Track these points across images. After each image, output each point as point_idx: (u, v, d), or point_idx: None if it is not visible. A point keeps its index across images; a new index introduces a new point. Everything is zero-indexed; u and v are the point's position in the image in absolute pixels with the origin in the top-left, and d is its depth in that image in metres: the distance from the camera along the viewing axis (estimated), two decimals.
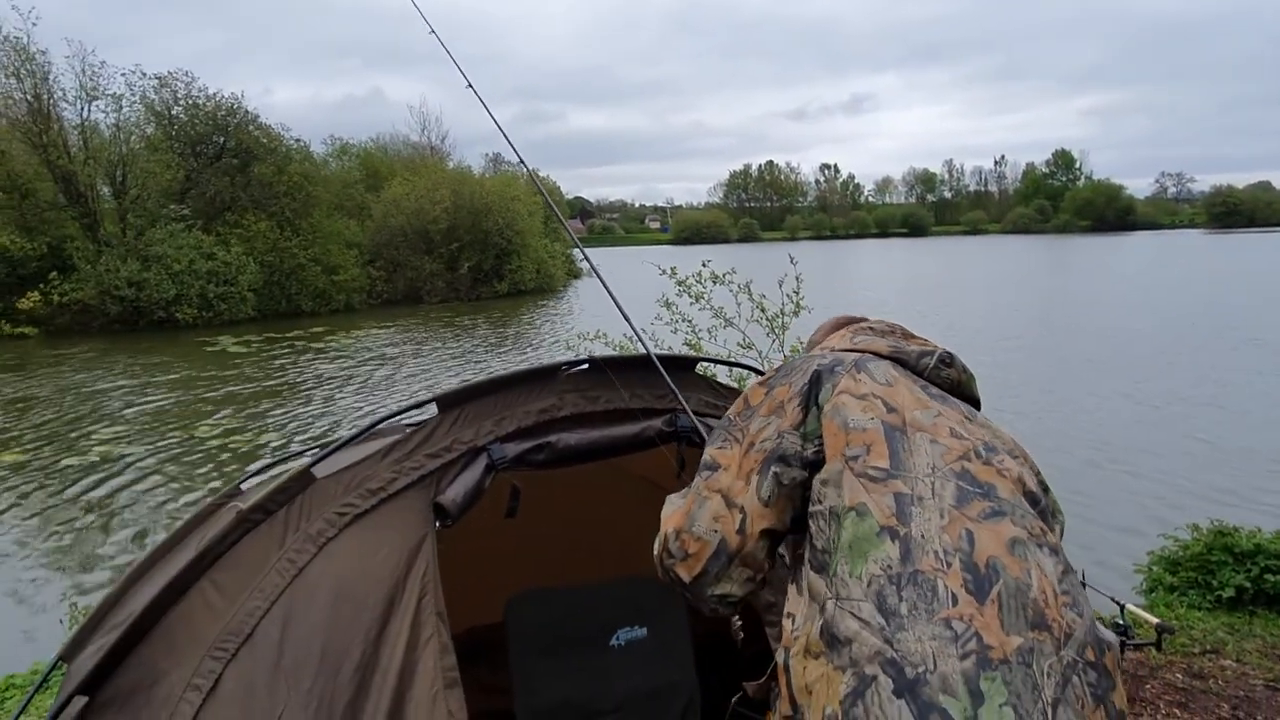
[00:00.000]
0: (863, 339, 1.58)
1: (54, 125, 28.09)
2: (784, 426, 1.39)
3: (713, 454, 1.45)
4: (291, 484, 1.95)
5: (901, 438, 1.32)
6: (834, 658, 1.16)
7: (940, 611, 1.14)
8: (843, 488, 1.28)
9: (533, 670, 2.52)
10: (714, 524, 1.38)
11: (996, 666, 1.11)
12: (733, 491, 1.38)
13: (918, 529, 1.21)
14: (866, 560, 1.20)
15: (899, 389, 1.41)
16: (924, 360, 1.51)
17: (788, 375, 1.47)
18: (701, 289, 6.73)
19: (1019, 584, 1.18)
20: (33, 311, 26.38)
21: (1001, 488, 1.29)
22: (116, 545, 8.42)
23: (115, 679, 1.82)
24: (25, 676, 4.65)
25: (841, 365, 1.44)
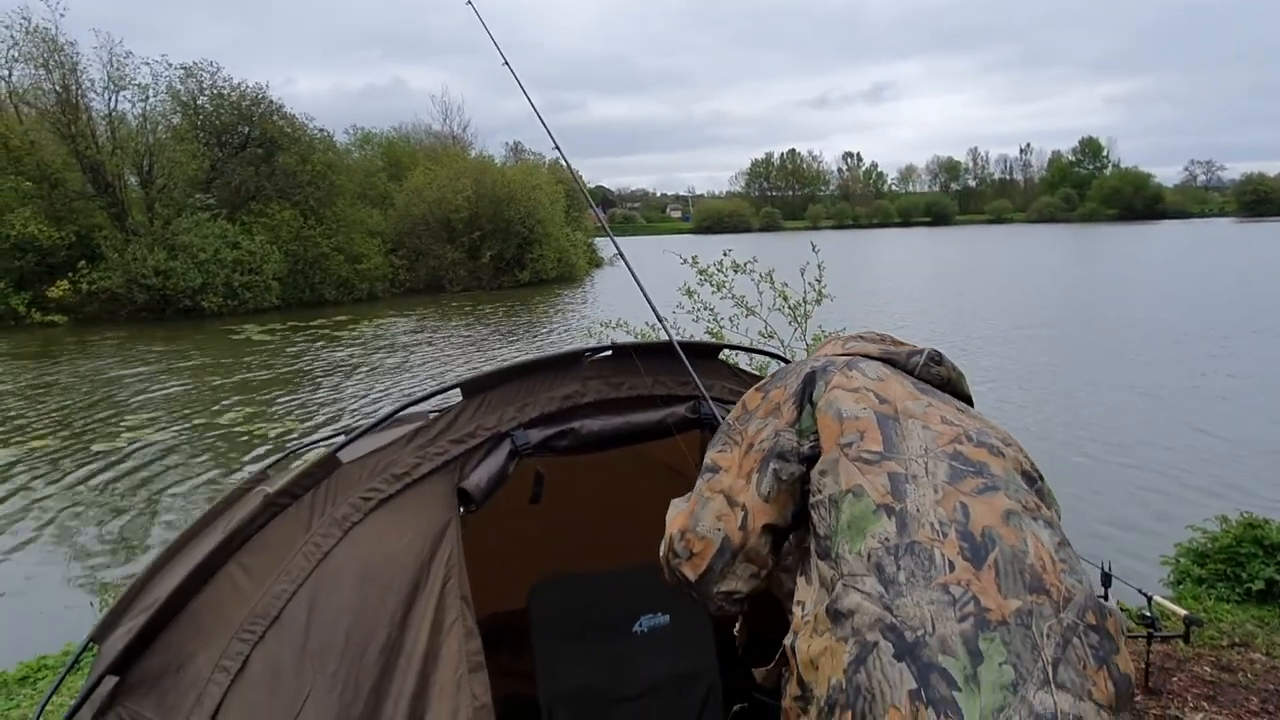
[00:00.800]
0: (854, 345, 1.66)
1: (82, 115, 28.40)
2: (780, 425, 1.44)
3: (714, 457, 1.52)
4: (317, 469, 1.97)
5: (894, 424, 1.38)
6: (837, 630, 1.20)
7: (938, 578, 1.18)
8: (839, 474, 1.33)
9: (555, 656, 2.53)
10: (717, 523, 1.43)
11: (995, 628, 1.14)
12: (734, 491, 1.43)
13: (913, 504, 1.26)
14: (865, 536, 1.25)
15: (890, 383, 1.47)
16: (914, 359, 1.58)
17: (783, 379, 1.54)
18: (723, 278, 6.71)
19: (1015, 551, 1.23)
20: (62, 300, 26.76)
21: (994, 465, 1.34)
22: (144, 528, 8.54)
23: (145, 660, 1.85)
24: (57, 657, 4.73)
25: (833, 365, 1.51)
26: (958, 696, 1.09)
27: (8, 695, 4.31)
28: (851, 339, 1.72)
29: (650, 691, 2.58)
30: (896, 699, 1.10)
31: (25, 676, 4.52)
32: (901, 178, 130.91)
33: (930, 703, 1.09)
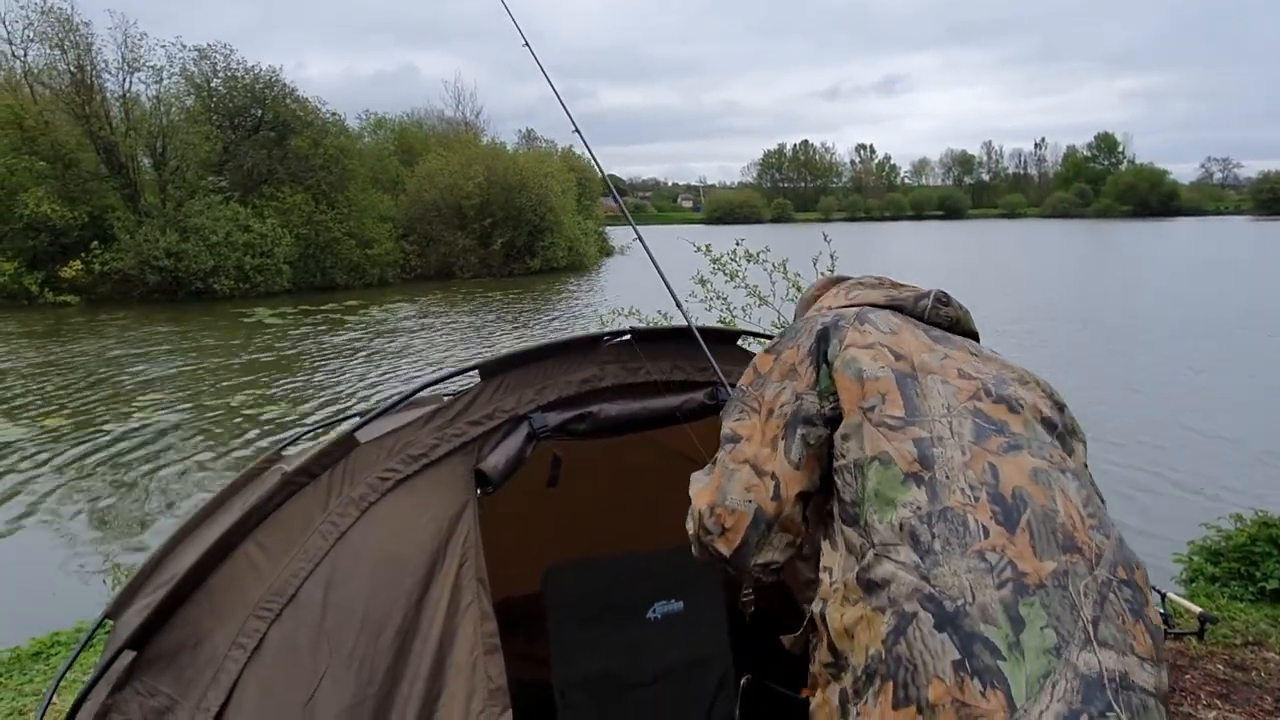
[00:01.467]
0: (857, 294, 1.60)
1: (96, 96, 28.46)
2: (800, 388, 1.39)
3: (732, 427, 1.46)
4: (335, 448, 1.96)
5: (913, 383, 1.33)
6: (872, 600, 1.18)
7: (973, 544, 1.17)
8: (863, 439, 1.29)
9: (569, 641, 2.52)
10: (747, 494, 1.38)
11: (1034, 591, 1.13)
12: (760, 460, 1.38)
13: (941, 470, 1.24)
14: (895, 506, 1.22)
15: (903, 335, 1.42)
16: (921, 303, 1.53)
17: (793, 338, 1.48)
18: (736, 267, 6.69)
19: (1046, 510, 1.21)
20: (74, 280, 26.88)
21: (1014, 423, 1.32)
22: (156, 507, 8.59)
23: (162, 636, 1.85)
24: (70, 633, 4.76)
25: (844, 319, 1.45)
26: (1002, 665, 1.08)
27: (21, 670, 4.34)
28: (853, 286, 1.66)
29: (664, 677, 2.57)
30: (940, 669, 1.09)
31: (39, 652, 4.55)
32: (914, 171, 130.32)
33: (975, 673, 1.08)
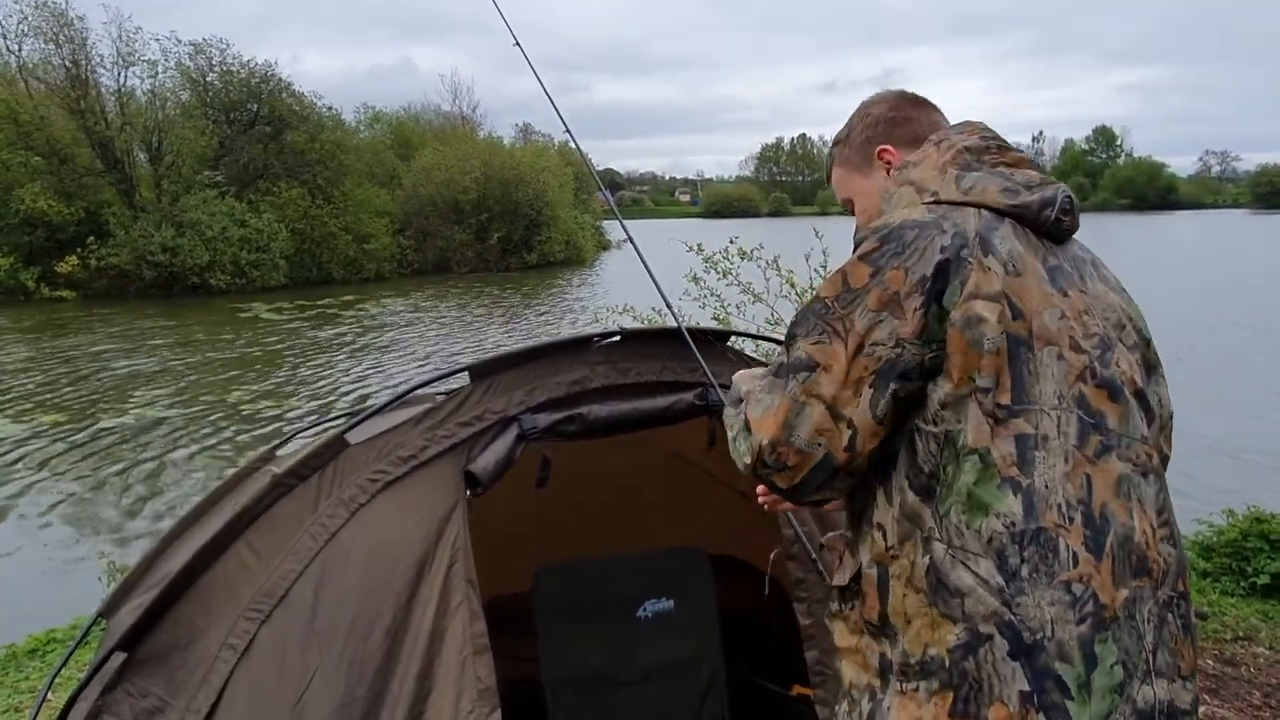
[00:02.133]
0: (972, 180, 1.29)
1: (91, 91, 28.36)
2: (905, 333, 1.16)
3: (809, 350, 1.20)
4: (325, 449, 1.98)
5: (1029, 357, 1.16)
6: (940, 604, 1.14)
7: (1060, 574, 1.11)
8: (967, 422, 1.14)
9: (559, 640, 2.54)
10: (818, 437, 1.18)
11: (1108, 626, 1.12)
12: (839, 402, 1.17)
13: (1041, 478, 1.13)
14: (988, 515, 1.12)
15: (1026, 279, 1.20)
16: (1045, 213, 1.27)
17: (900, 254, 1.19)
18: (729, 265, 6.68)
19: (1126, 530, 1.16)
20: (70, 275, 26.82)
21: (1111, 415, 1.19)
22: (151, 505, 8.60)
23: (153, 637, 1.86)
24: (65, 631, 4.77)
25: (968, 248, 1.18)
26: (1069, 704, 1.08)
27: (17, 668, 4.35)
28: (957, 155, 1.33)
29: (654, 675, 2.59)
30: (1005, 695, 1.09)
31: (34, 649, 4.56)
32: None
33: (1042, 708, 1.08)
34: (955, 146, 1.34)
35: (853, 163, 1.51)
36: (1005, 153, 1.34)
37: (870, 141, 1.48)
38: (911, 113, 1.48)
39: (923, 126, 1.45)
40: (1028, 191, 1.27)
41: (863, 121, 1.51)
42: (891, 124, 1.47)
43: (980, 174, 1.29)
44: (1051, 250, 1.27)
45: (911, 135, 1.44)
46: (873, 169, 1.47)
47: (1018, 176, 1.29)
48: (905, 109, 1.48)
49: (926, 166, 1.34)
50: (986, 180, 1.28)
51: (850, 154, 1.52)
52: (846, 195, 1.54)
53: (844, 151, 1.53)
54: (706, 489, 3.09)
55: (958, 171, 1.30)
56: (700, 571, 2.72)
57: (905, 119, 1.47)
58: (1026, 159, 1.34)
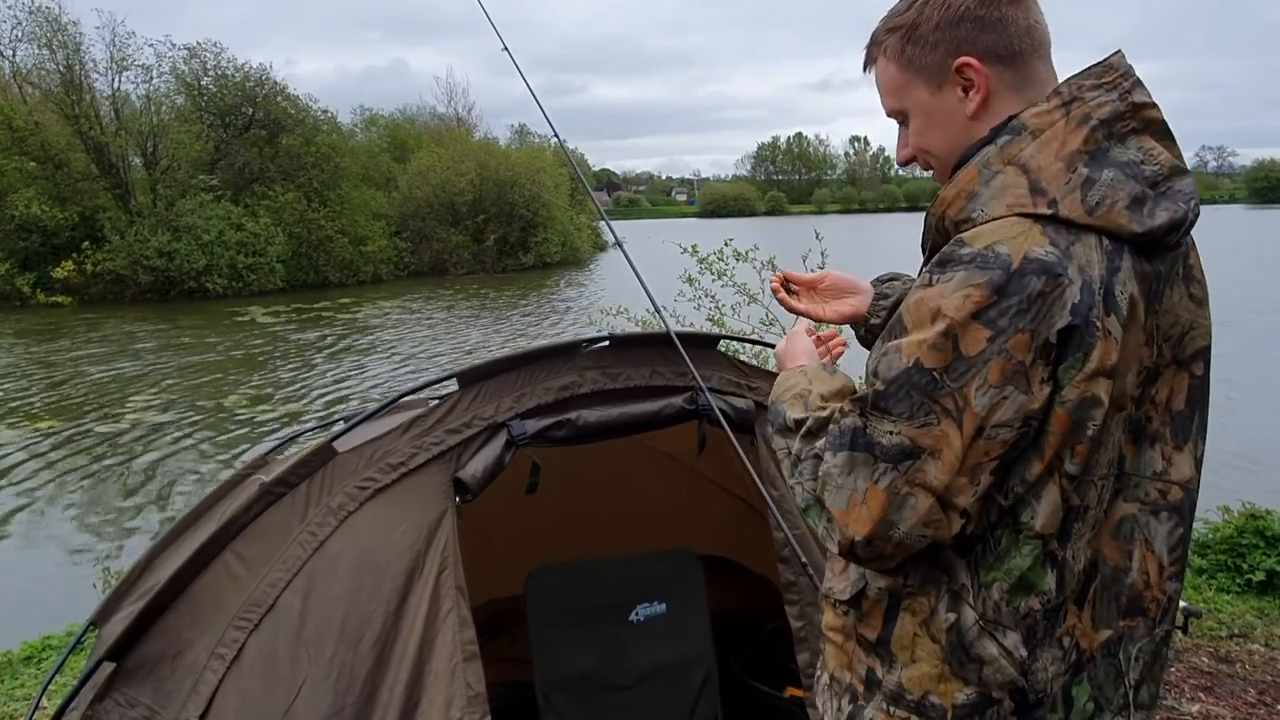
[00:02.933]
0: (1103, 189, 1.01)
1: (86, 96, 28.32)
2: (1033, 409, 0.98)
3: (911, 434, 1.00)
4: (313, 457, 1.98)
5: (1103, 430, 1.03)
6: (956, 664, 1.08)
7: (1057, 631, 1.08)
8: (1039, 505, 1.02)
9: (552, 643, 2.54)
10: (924, 529, 1.01)
11: (1084, 667, 1.09)
12: (952, 491, 0.99)
13: (1072, 550, 1.06)
14: (1029, 595, 1.05)
15: (1131, 334, 1.02)
16: (1170, 239, 1.05)
17: (1026, 312, 0.96)
18: (724, 266, 6.68)
19: (1116, 572, 1.10)
20: (67, 280, 26.79)
21: (1129, 457, 1.08)
22: (147, 510, 8.59)
23: (142, 646, 1.86)
24: (61, 637, 4.76)
25: (1095, 308, 0.98)
26: None
27: (13, 674, 4.35)
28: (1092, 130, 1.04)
29: (647, 679, 2.59)
30: None
31: (30, 656, 4.55)
32: None
33: None
34: (1090, 121, 1.04)
35: (919, 65, 1.13)
36: (1139, 113, 1.06)
37: (948, 45, 1.11)
38: (1008, 10, 1.09)
39: (1018, 34, 1.09)
40: (1154, 199, 1.03)
41: (941, 11, 1.11)
42: (980, 25, 1.09)
43: (1113, 172, 1.02)
44: (1159, 271, 1.06)
45: (1005, 46, 1.09)
46: (947, 82, 1.12)
47: (1148, 168, 1.04)
48: (1000, 4, 1.09)
49: (1048, 146, 1.04)
50: (1118, 186, 1.02)
51: (917, 53, 1.13)
52: (900, 106, 1.18)
53: (907, 47, 1.14)
54: (697, 491, 3.10)
55: (1088, 170, 1.02)
56: (692, 574, 2.72)
57: (998, 20, 1.09)
58: (1158, 118, 1.08)
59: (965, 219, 1.06)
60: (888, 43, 1.16)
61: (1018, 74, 1.10)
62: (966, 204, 1.07)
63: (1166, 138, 1.08)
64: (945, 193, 1.10)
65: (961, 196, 1.07)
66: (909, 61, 1.14)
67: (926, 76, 1.13)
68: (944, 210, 1.10)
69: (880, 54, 1.18)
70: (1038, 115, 1.06)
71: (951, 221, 1.08)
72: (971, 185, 1.07)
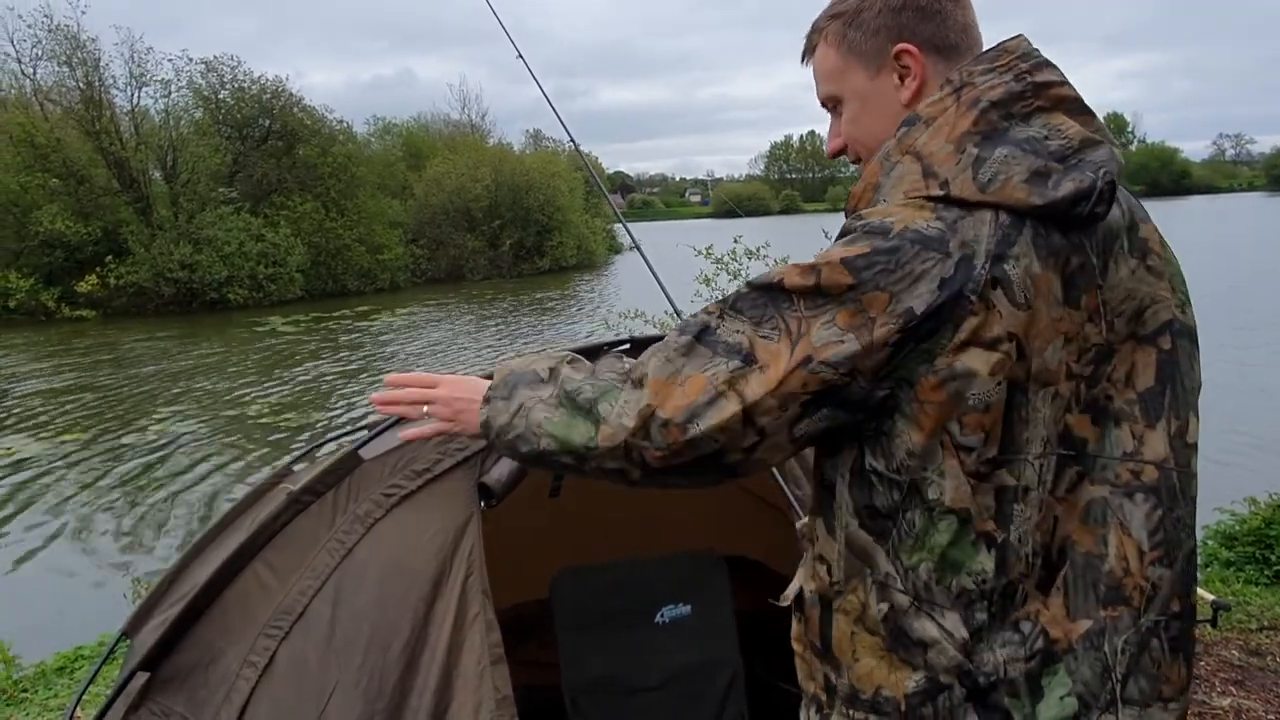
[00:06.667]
0: (995, 166, 1.02)
1: (106, 112, 28.68)
2: (863, 365, 0.99)
3: (749, 336, 1.03)
4: (339, 466, 2.00)
5: (1022, 401, 1.01)
6: (901, 651, 1.08)
7: (1012, 614, 1.06)
8: (944, 480, 1.02)
9: (578, 646, 2.55)
10: (718, 434, 1.03)
11: (1060, 658, 1.06)
12: (760, 409, 1.01)
13: (1015, 531, 1.04)
14: (959, 573, 1.04)
15: (1038, 309, 1.01)
16: (1079, 210, 1.02)
17: (890, 273, 0.98)
18: (738, 266, 6.70)
19: (1089, 559, 1.07)
20: (91, 294, 27.13)
21: (1092, 439, 1.07)
22: (174, 519, 8.69)
23: (175, 656, 1.89)
24: (93, 647, 4.83)
25: (972, 283, 0.98)
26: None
27: (46, 685, 4.41)
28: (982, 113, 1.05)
29: (673, 681, 2.60)
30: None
31: (63, 667, 4.62)
32: None
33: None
34: (980, 104, 1.05)
35: (859, 49, 1.15)
36: (1043, 92, 1.06)
37: (889, 31, 1.13)
38: (947, 5, 1.13)
39: (955, 28, 1.13)
40: (1061, 171, 1.02)
41: (861, 21, 1.14)
42: (921, 14, 1.12)
43: (1007, 149, 1.02)
44: (1079, 244, 1.05)
45: (942, 38, 1.13)
46: (884, 68, 1.14)
47: (1053, 142, 1.03)
48: (940, 135, 1.08)
49: (939, 132, 1.06)
50: (1013, 161, 1.02)
51: (858, 39, 1.15)
52: (834, 91, 1.20)
53: (849, 32, 1.16)
54: (723, 492, 3.09)
55: (978, 150, 1.03)
56: (716, 574, 2.73)
57: (938, 13, 1.12)
58: (1070, 95, 1.08)
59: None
60: (829, 29, 1.19)
61: (950, 66, 1.12)
62: (873, 195, 1.10)
63: (1083, 114, 1.08)
64: (855, 188, 1.15)
65: (868, 189, 1.11)
66: (850, 46, 1.16)
67: (865, 61, 1.15)
68: (855, 205, 1.13)
69: (820, 40, 1.20)
70: (931, 105, 1.09)
71: None
72: (875, 178, 1.11)
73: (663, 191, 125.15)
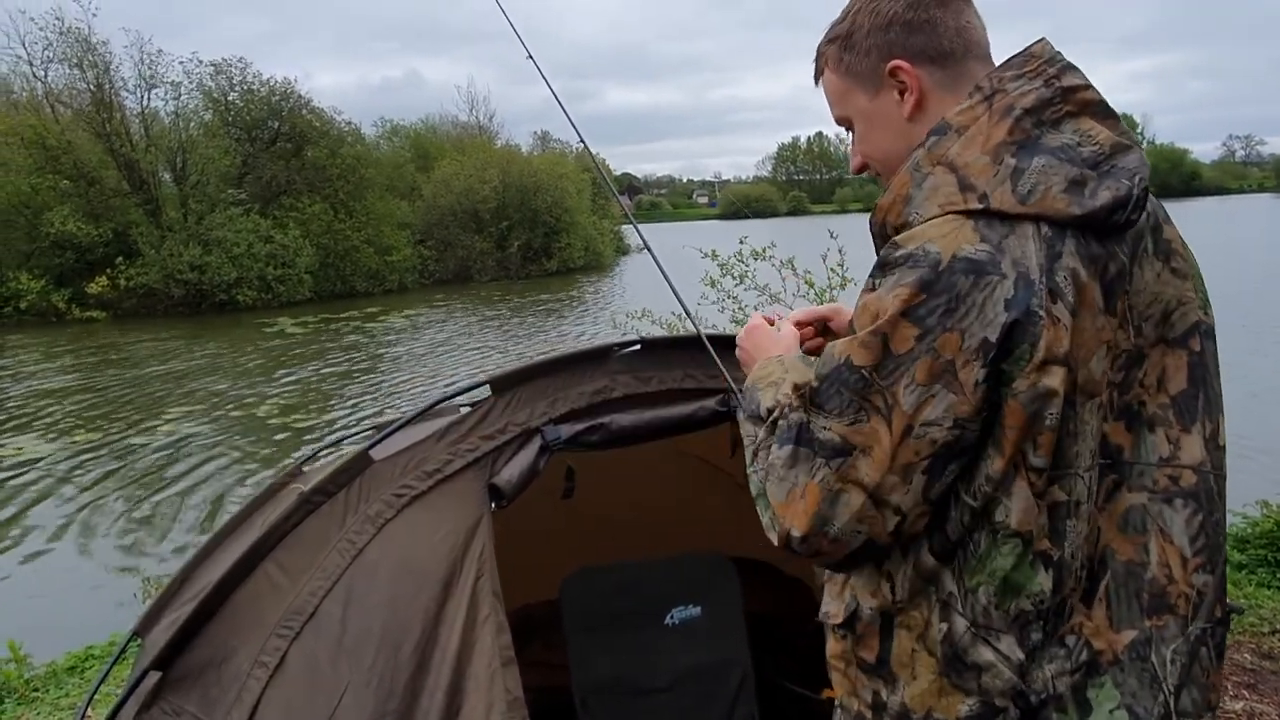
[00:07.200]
0: (1034, 177, 1.01)
1: (116, 114, 28.83)
2: (964, 412, 0.98)
3: (841, 431, 1.01)
4: (350, 466, 2.00)
5: (1071, 415, 1.01)
6: (954, 676, 1.06)
7: (1059, 631, 1.05)
8: (1012, 502, 1.01)
9: (587, 648, 2.55)
10: (858, 525, 1.03)
11: (1105, 670, 1.05)
12: (884, 489, 1.00)
13: (1069, 549, 1.03)
14: (1020, 596, 1.04)
15: (1083, 318, 1.01)
16: (1116, 218, 1.02)
17: (954, 312, 0.97)
18: (744, 268, 6.68)
19: (1130, 568, 1.06)
20: (101, 295, 27.26)
21: (1127, 447, 1.07)
22: (183, 520, 8.71)
23: (187, 656, 1.89)
24: (104, 647, 4.85)
25: (1036, 297, 0.97)
26: None
27: (57, 684, 4.43)
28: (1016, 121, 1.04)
29: (683, 682, 2.59)
30: None
31: (73, 666, 4.64)
32: None
33: None
34: (1014, 112, 1.04)
35: (855, 71, 1.18)
36: (1071, 97, 1.06)
37: (880, 50, 1.15)
38: (935, 13, 1.13)
39: (948, 35, 1.13)
40: (1095, 179, 1.02)
41: (872, 19, 1.15)
42: (909, 29, 1.13)
43: (1044, 159, 1.02)
44: (1113, 250, 1.04)
45: (935, 47, 1.13)
46: (882, 86, 1.16)
47: (1085, 149, 1.03)
48: (928, 7, 1.12)
49: (973, 142, 1.05)
50: (1050, 171, 1.01)
51: (853, 60, 1.17)
52: (844, 113, 1.23)
53: (844, 56, 1.18)
54: (732, 493, 3.09)
55: (1015, 160, 1.02)
56: (726, 576, 2.72)
57: (926, 23, 1.12)
58: (1095, 99, 1.07)
59: (903, 223, 1.08)
60: (828, 53, 1.22)
61: (949, 74, 1.13)
62: (903, 208, 1.09)
63: (1109, 117, 1.08)
64: (882, 200, 1.13)
65: (898, 201, 1.10)
66: (847, 69, 1.19)
67: (864, 82, 1.18)
68: (883, 217, 1.13)
69: (824, 65, 1.23)
70: (961, 112, 1.08)
71: (891, 227, 1.11)
72: (905, 189, 1.09)
73: (670, 193, 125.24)
